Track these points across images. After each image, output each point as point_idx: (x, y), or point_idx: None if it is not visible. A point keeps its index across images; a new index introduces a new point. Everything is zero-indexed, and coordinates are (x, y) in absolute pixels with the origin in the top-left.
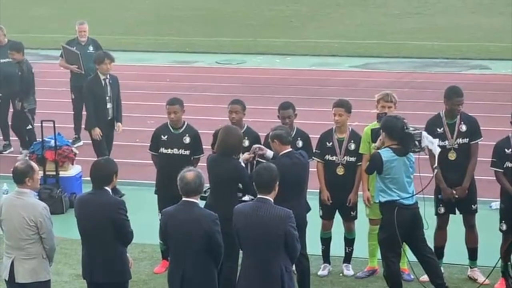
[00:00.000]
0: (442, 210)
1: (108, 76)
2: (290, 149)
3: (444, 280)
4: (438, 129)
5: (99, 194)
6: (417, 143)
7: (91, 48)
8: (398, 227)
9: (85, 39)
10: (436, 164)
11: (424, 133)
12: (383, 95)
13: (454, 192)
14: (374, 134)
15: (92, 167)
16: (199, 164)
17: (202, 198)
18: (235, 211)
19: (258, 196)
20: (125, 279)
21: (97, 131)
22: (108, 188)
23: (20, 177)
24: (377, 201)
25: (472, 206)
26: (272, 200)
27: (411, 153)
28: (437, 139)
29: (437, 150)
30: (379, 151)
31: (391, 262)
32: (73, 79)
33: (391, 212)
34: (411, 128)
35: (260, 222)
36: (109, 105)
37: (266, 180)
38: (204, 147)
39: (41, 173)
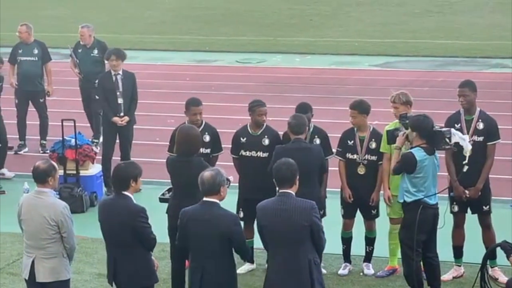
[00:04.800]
0: (456, 208)
1: (120, 72)
2: (298, 138)
3: (440, 281)
4: (456, 125)
5: (119, 200)
6: (447, 140)
7: (95, 52)
8: (421, 226)
9: (87, 43)
10: (466, 161)
11: (453, 130)
12: (391, 96)
13: (467, 192)
14: (390, 136)
15: (113, 170)
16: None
17: (162, 201)
18: (258, 208)
19: (280, 191)
20: (151, 283)
21: (117, 119)
22: (128, 194)
23: (43, 176)
24: (401, 201)
25: (484, 207)
26: (294, 194)
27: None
28: (467, 135)
29: (468, 147)
30: (411, 151)
31: (412, 261)
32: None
33: (415, 211)
34: (437, 126)
35: (285, 215)
36: (120, 100)
37: (286, 175)
38: (223, 146)
39: (61, 172)
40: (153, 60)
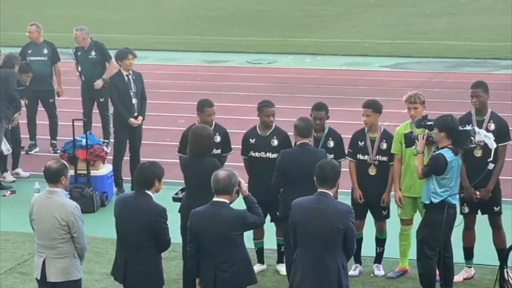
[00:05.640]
0: (466, 209)
1: (131, 72)
2: (305, 142)
3: (453, 282)
4: (468, 126)
5: (140, 198)
6: (472, 138)
7: (93, 53)
8: (444, 225)
9: (83, 45)
10: (491, 158)
11: (477, 128)
12: (407, 97)
13: (477, 193)
14: (408, 138)
15: (136, 169)
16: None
17: (175, 200)
18: (293, 204)
19: (319, 190)
20: (159, 285)
21: (133, 120)
22: (150, 193)
23: (56, 176)
24: (427, 202)
25: (494, 208)
26: (332, 195)
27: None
28: (491, 133)
29: (494, 145)
30: (441, 152)
31: (431, 260)
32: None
33: (441, 211)
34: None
35: (321, 215)
36: (134, 101)
37: (329, 175)
38: (232, 146)
39: (72, 172)
40: (163, 60)
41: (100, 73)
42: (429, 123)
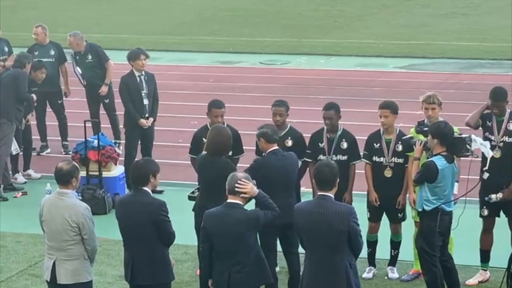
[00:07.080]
0: (485, 212)
1: (143, 73)
2: (277, 147)
3: (459, 283)
4: (488, 123)
5: (139, 195)
6: (468, 146)
7: (89, 57)
8: (438, 232)
9: (78, 50)
10: (486, 167)
11: (473, 136)
12: (426, 97)
13: (500, 194)
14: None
15: (131, 167)
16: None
17: (191, 199)
18: (295, 209)
19: (319, 193)
20: (169, 280)
21: (143, 121)
22: (147, 189)
23: (67, 177)
24: (420, 209)
25: None
26: (333, 197)
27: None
28: (488, 141)
29: (490, 153)
30: (433, 159)
31: (433, 266)
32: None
33: (434, 219)
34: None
35: (323, 219)
36: (145, 101)
37: (328, 177)
38: (245, 147)
39: (84, 174)
40: (176, 61)
41: (100, 76)
42: (425, 129)
